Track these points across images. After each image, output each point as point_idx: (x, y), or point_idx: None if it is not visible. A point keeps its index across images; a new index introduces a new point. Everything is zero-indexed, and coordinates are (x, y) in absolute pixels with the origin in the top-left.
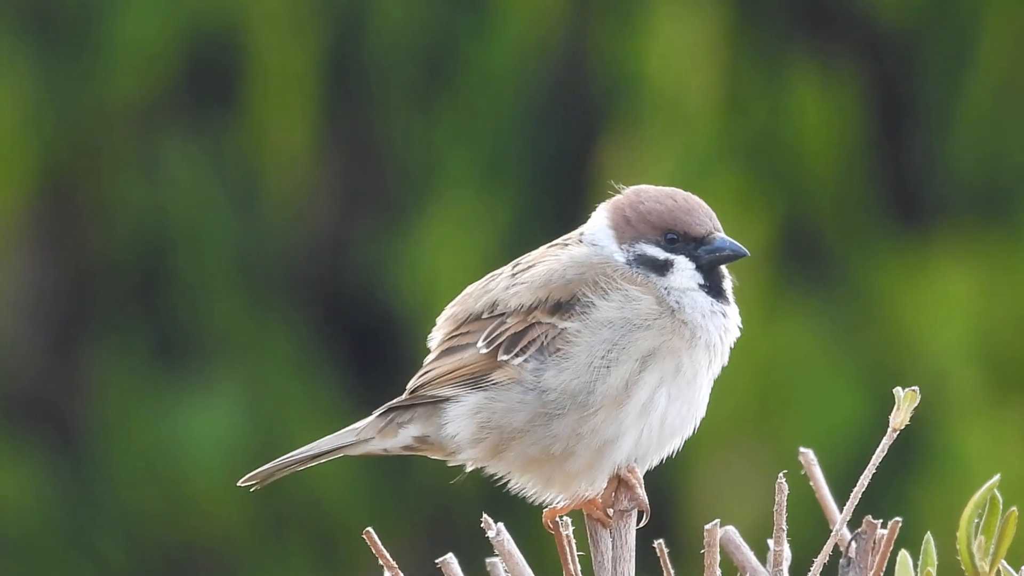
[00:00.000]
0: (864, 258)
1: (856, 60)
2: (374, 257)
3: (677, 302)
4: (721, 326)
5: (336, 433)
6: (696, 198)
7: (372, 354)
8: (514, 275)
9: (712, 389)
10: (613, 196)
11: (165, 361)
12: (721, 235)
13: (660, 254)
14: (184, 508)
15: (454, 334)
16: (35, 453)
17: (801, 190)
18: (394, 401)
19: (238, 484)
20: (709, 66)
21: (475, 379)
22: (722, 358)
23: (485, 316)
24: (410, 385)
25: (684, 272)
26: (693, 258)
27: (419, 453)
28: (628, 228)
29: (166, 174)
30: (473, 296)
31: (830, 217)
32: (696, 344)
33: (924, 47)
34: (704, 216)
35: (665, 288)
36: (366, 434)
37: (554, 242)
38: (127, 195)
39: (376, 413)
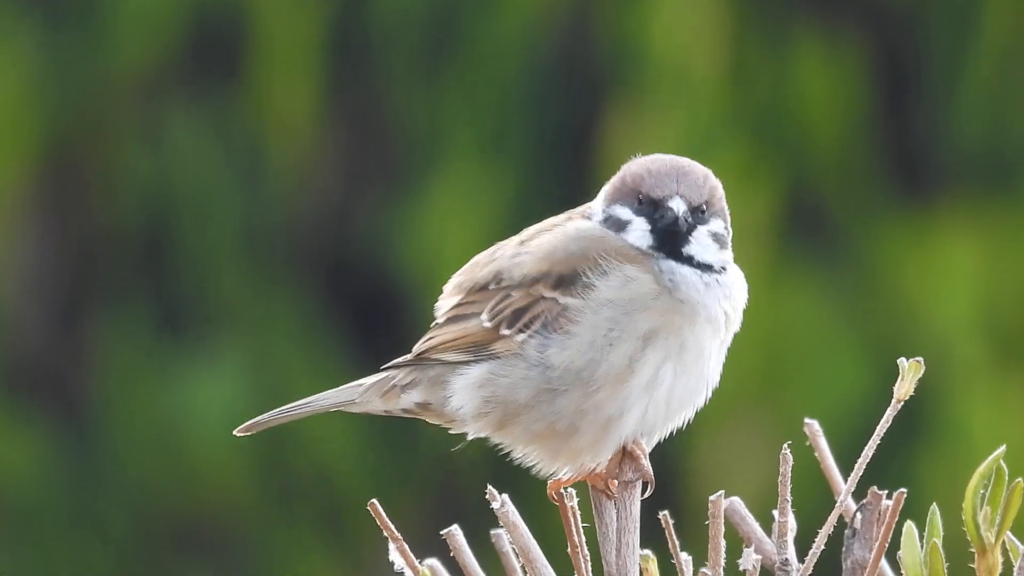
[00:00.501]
0: (868, 229)
1: (860, 30)
2: (378, 228)
3: (671, 280)
4: (719, 296)
5: (339, 388)
6: (685, 163)
7: (376, 324)
8: (521, 244)
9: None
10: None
11: (169, 332)
12: (674, 201)
13: (625, 215)
14: (188, 479)
15: (461, 303)
16: (39, 425)
17: (805, 161)
18: (398, 360)
19: (235, 433)
20: (713, 37)
21: (478, 348)
22: (731, 326)
23: (491, 287)
24: (415, 349)
25: (637, 232)
26: (651, 220)
27: (419, 417)
28: (615, 193)
29: (170, 145)
30: (479, 265)
31: (834, 188)
32: (696, 320)
33: (928, 17)
34: (670, 180)
35: (659, 268)
36: (369, 395)
37: (562, 214)
38: (131, 166)
39: (380, 371)
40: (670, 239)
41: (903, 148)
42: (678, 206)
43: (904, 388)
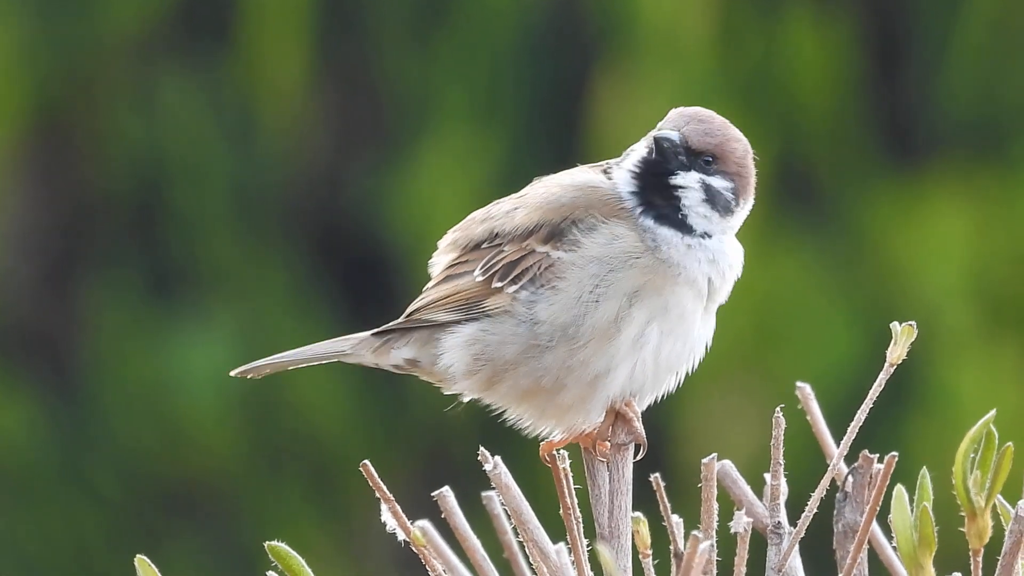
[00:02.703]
0: (858, 195)
1: None
2: (369, 191)
3: (653, 240)
4: (700, 258)
5: (332, 340)
6: (710, 116)
7: (367, 288)
8: (518, 199)
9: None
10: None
11: (160, 295)
12: (665, 131)
13: (637, 152)
14: (179, 443)
15: (455, 262)
16: (30, 388)
17: (796, 127)
18: (391, 324)
19: (231, 374)
20: (703, 3)
21: (469, 305)
22: (716, 295)
23: (485, 246)
24: (409, 308)
25: (625, 168)
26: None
27: (410, 373)
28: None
29: (161, 108)
30: (476, 221)
31: (825, 154)
32: (677, 282)
33: None
34: (681, 120)
35: (643, 227)
36: (360, 349)
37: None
38: (122, 130)
39: (372, 332)
40: (652, 169)
41: (893, 114)
42: (669, 134)
43: (897, 352)
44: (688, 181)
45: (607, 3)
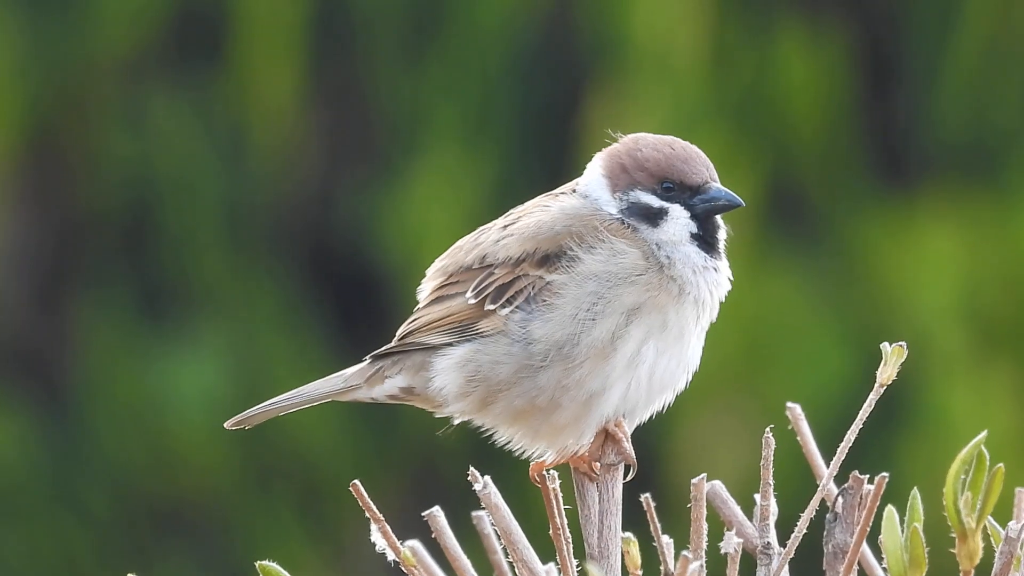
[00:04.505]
0: (850, 216)
1: (843, 18)
2: (361, 210)
3: (668, 257)
4: (712, 281)
5: (324, 379)
6: (694, 147)
7: (358, 307)
8: (504, 227)
9: (703, 344)
10: (609, 145)
11: (151, 314)
12: (717, 184)
13: (655, 202)
14: (169, 461)
15: (444, 283)
16: (20, 406)
17: (787, 148)
18: (383, 348)
19: (225, 426)
20: (695, 23)
21: (463, 327)
22: (711, 313)
23: (475, 267)
24: (400, 332)
25: (678, 221)
26: (688, 207)
27: (405, 403)
28: (623, 176)
29: (153, 127)
30: (463, 249)
31: (816, 175)
32: (684, 300)
33: (910, 6)
34: (701, 165)
35: (656, 243)
36: (353, 381)
37: (548, 193)
38: (114, 148)
39: (365, 360)
40: (713, 228)
41: (885, 136)
42: (722, 190)
43: (887, 372)
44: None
45: (599, 22)
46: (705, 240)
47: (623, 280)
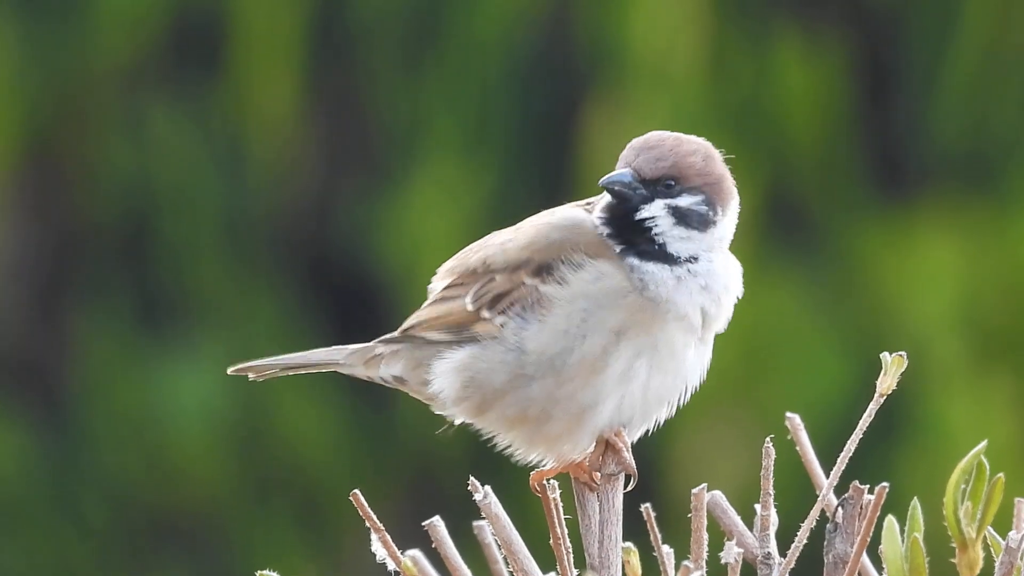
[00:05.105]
0: (848, 226)
1: (841, 28)
2: (359, 221)
3: (641, 279)
4: (691, 290)
5: (327, 348)
6: (658, 138)
7: (356, 317)
8: (514, 231)
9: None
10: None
11: (149, 324)
12: (618, 172)
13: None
14: (168, 471)
15: (450, 285)
16: (18, 417)
17: (785, 157)
18: (385, 336)
19: (228, 372)
20: (693, 33)
21: (459, 328)
22: (710, 323)
23: (479, 271)
24: (405, 324)
25: (599, 213)
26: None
27: (398, 388)
28: None
29: (151, 137)
30: (472, 250)
31: (814, 185)
32: (667, 320)
33: (908, 15)
34: (632, 153)
35: (629, 265)
36: (353, 359)
37: (578, 202)
38: (112, 158)
39: (368, 343)
40: (616, 212)
41: (883, 146)
42: (617, 176)
43: (887, 382)
44: (654, 211)
45: (598, 33)
46: (645, 249)
47: (608, 304)
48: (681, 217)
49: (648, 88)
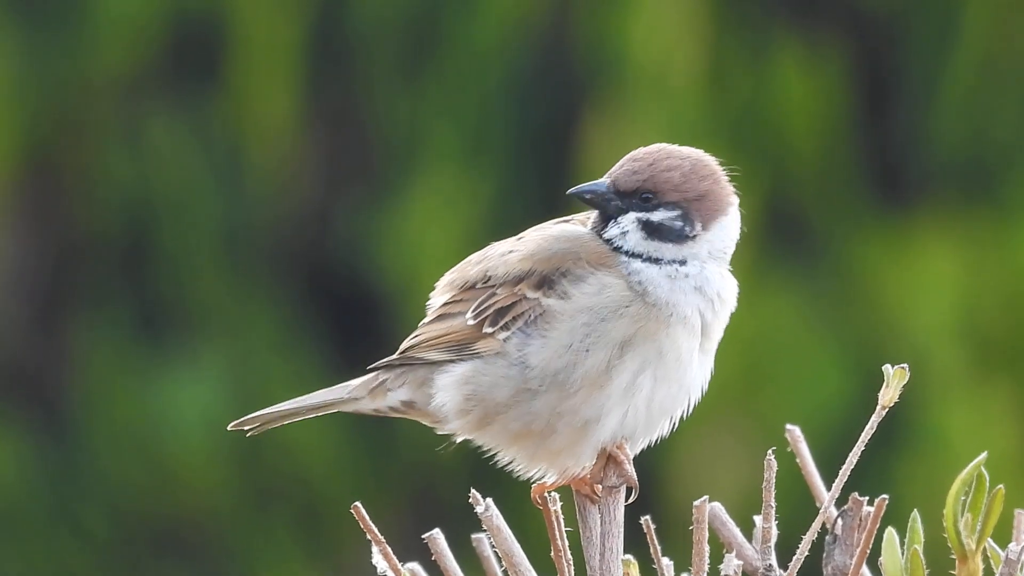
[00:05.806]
0: (848, 235)
1: (840, 36)
2: (358, 231)
3: (639, 283)
4: (686, 289)
5: (328, 388)
6: (646, 152)
7: (356, 328)
8: (515, 242)
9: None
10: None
11: (149, 335)
12: (597, 183)
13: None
14: (168, 482)
15: (450, 301)
16: (18, 427)
17: (785, 166)
18: (385, 360)
19: (228, 428)
20: (692, 42)
21: (460, 346)
22: (709, 332)
23: (479, 286)
24: (402, 346)
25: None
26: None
27: (407, 416)
28: None
29: (150, 148)
30: (472, 263)
31: (814, 194)
32: (670, 323)
33: (908, 24)
34: (617, 164)
35: (628, 272)
36: (357, 392)
37: (567, 216)
38: (111, 169)
39: (369, 373)
40: (598, 223)
41: (883, 155)
42: (589, 186)
43: (889, 394)
44: (624, 223)
45: (596, 41)
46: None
47: (612, 315)
48: (653, 231)
49: (647, 97)
